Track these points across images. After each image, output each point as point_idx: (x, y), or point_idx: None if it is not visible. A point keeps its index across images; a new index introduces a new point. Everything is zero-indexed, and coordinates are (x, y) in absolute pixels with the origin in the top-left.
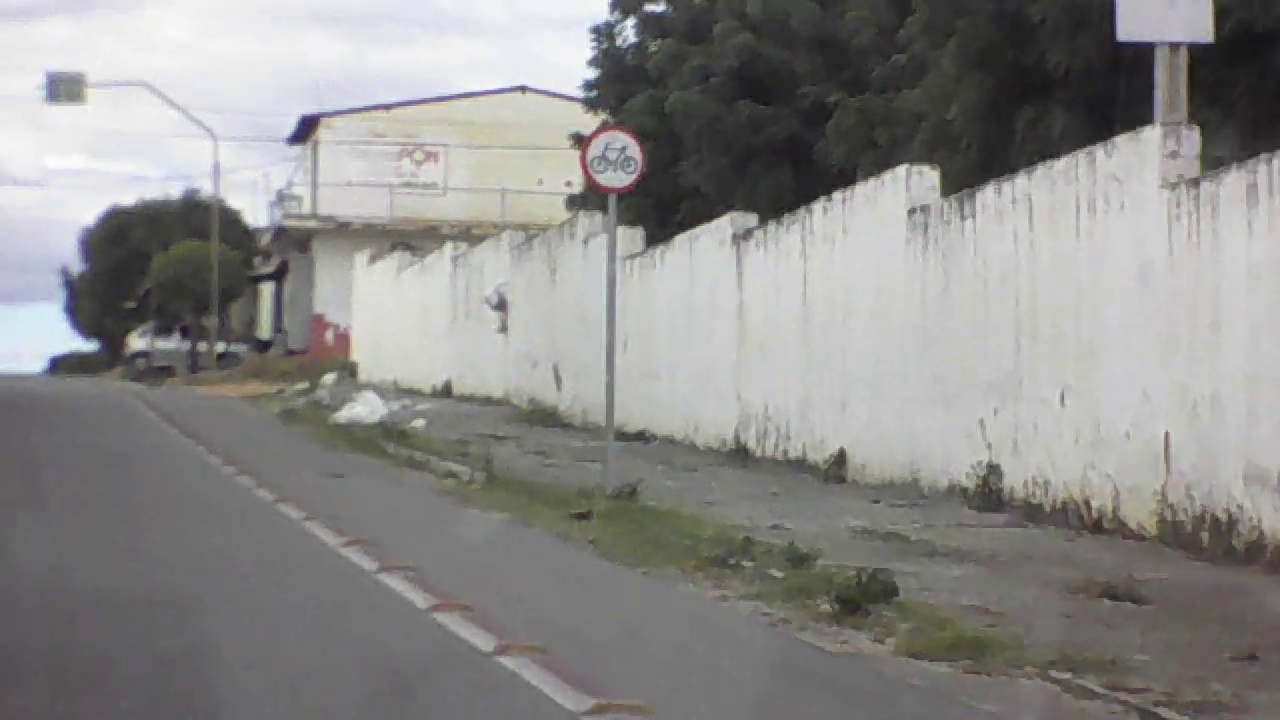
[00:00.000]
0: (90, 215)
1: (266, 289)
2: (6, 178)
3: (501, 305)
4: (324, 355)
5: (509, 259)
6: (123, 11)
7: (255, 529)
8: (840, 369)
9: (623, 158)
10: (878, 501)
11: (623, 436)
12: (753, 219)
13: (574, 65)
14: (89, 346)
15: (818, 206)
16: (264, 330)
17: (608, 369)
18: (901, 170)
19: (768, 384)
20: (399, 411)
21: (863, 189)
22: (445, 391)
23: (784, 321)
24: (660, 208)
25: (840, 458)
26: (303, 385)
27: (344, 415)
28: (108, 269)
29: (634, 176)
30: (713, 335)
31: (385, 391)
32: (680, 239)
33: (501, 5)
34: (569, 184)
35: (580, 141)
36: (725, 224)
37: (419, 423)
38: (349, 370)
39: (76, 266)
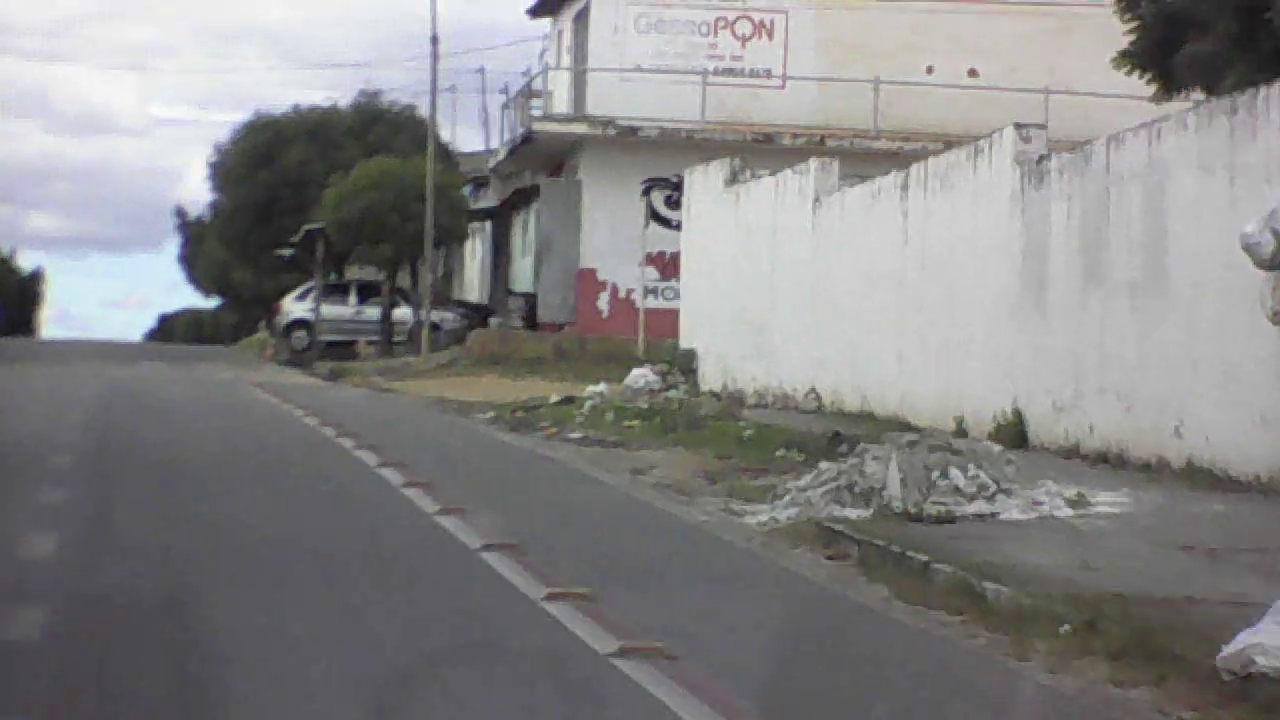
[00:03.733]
0: (201, 157)
1: (475, 234)
2: (112, 126)
3: None
4: (595, 331)
5: None
6: None
7: None
8: None
9: None
10: None
11: None
12: None
13: None
14: (209, 303)
15: None
16: (471, 291)
17: None
18: None
19: None
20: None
21: None
22: (1010, 434)
23: None
24: None
25: None
26: (597, 387)
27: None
28: (248, 202)
29: None
30: None
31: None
32: None
33: None
34: (973, 72)
35: None
36: None
37: None
38: (676, 362)
39: (197, 206)
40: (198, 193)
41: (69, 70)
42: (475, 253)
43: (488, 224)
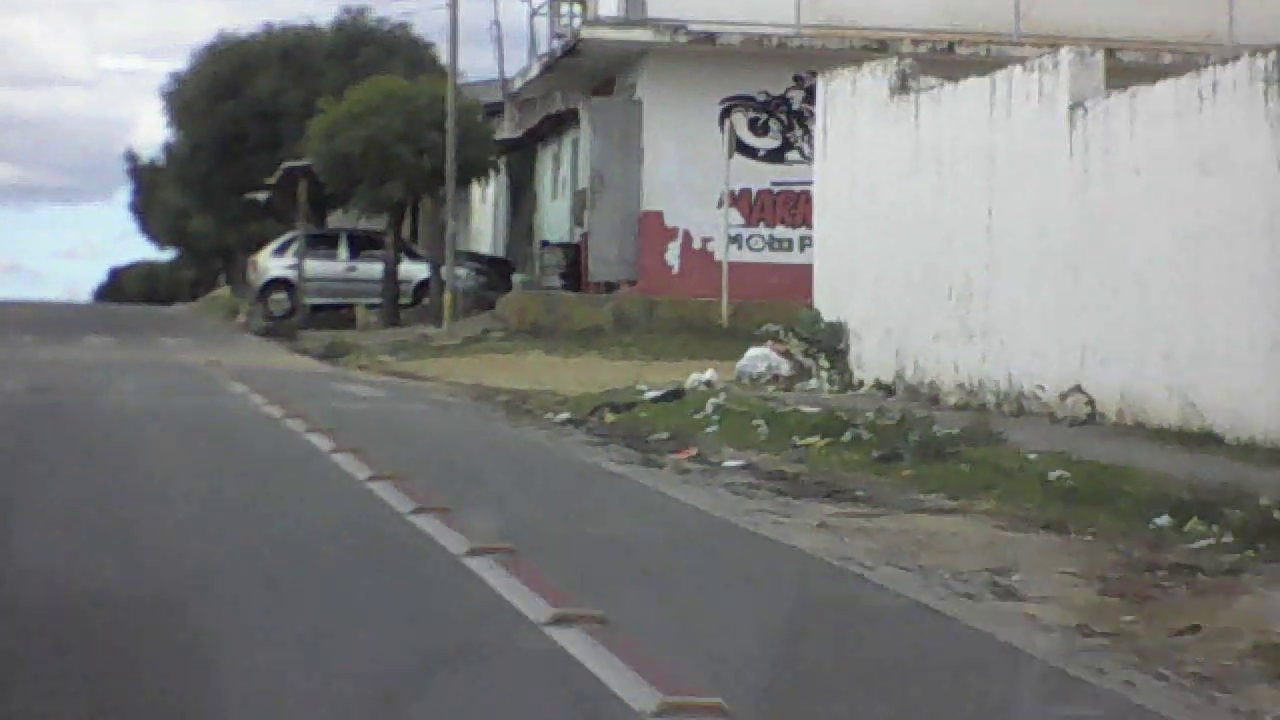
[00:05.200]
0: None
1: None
2: (59, 77)
3: None
4: (663, 292)
5: None
6: None
7: None
8: None
9: None
10: None
11: None
12: None
13: None
14: (163, 255)
15: None
16: (481, 241)
17: None
18: None
19: None
20: None
21: None
22: None
23: None
24: None
25: None
26: (702, 375)
27: None
28: (210, 139)
29: None
30: None
31: None
32: None
33: None
34: None
35: None
36: None
37: None
38: (818, 339)
39: (151, 148)
40: (150, 137)
41: (13, 22)
42: (485, 195)
43: (502, 160)
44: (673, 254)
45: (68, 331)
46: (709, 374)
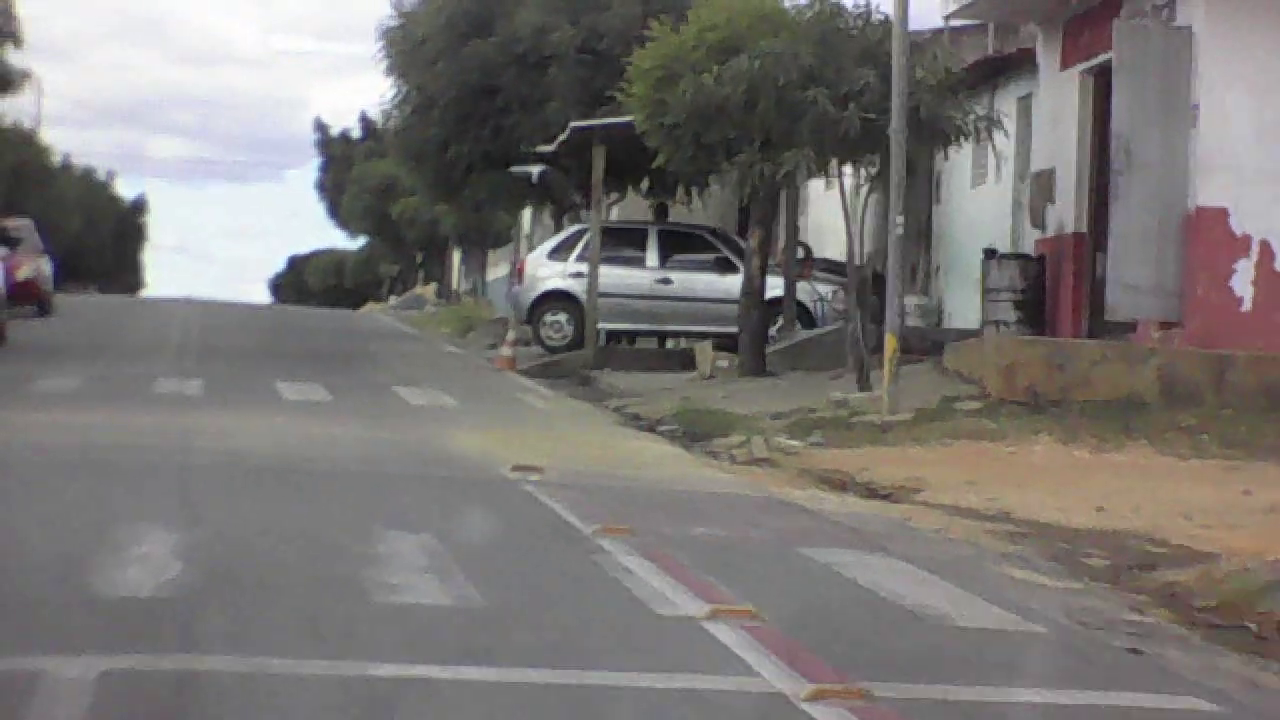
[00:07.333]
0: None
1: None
2: (231, 56)
3: None
4: (1228, 339)
5: None
6: None
7: None
8: None
9: None
10: None
11: None
12: None
13: None
14: (352, 243)
15: None
16: (826, 243)
17: None
18: None
19: None
20: None
21: None
22: None
23: None
24: None
25: None
26: None
27: None
28: (449, 93)
29: None
30: None
31: None
32: None
33: None
34: None
35: None
36: None
37: None
38: None
39: (344, 118)
40: (338, 109)
41: (187, 1)
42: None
43: None
44: (1242, 278)
45: (250, 366)
46: None
